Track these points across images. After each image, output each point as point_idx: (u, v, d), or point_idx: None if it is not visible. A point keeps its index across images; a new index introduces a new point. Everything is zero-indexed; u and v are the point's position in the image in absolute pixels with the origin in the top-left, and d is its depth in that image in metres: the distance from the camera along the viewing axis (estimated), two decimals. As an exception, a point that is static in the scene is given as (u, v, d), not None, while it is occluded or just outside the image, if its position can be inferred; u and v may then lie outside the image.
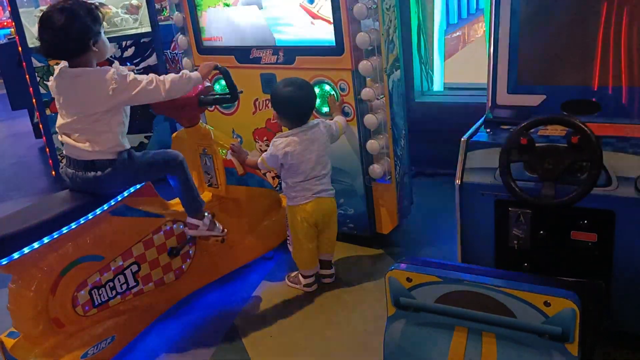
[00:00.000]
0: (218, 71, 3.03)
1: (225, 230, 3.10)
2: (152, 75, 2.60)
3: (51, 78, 2.62)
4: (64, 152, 2.68)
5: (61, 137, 2.62)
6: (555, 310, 1.78)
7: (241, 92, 3.15)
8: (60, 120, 2.60)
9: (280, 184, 3.27)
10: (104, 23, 2.66)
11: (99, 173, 2.59)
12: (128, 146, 2.68)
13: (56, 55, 2.58)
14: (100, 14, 2.54)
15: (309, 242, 3.17)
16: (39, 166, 6.09)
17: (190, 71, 2.81)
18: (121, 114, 2.60)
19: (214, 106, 3.78)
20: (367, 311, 3.04)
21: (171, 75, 2.65)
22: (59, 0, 2.47)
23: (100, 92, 2.49)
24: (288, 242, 3.26)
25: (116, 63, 2.64)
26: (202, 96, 3.02)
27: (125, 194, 2.79)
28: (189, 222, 2.97)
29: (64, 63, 2.58)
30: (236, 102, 3.72)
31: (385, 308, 2.13)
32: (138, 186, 2.83)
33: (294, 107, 3.05)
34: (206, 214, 3.00)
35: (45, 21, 2.46)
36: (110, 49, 2.70)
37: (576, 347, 1.81)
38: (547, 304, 1.79)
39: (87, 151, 2.56)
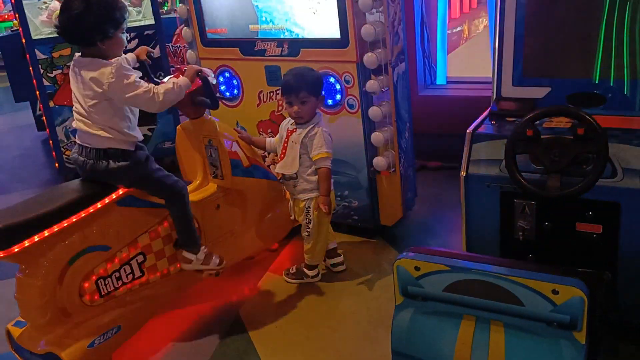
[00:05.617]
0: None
1: (224, 262, 3.01)
2: (150, 86, 2.61)
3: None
4: (76, 139, 2.69)
5: (75, 123, 2.65)
6: (563, 299, 1.79)
7: (222, 99, 3.18)
8: (74, 107, 2.65)
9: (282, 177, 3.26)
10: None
11: (111, 163, 2.61)
12: (140, 138, 2.72)
13: (68, 40, 2.63)
14: (119, 13, 2.53)
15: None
16: (42, 158, 6.09)
17: (185, 69, 2.88)
18: (123, 109, 2.62)
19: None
20: (371, 302, 3.06)
21: (163, 87, 2.67)
22: None
23: (97, 84, 2.51)
24: (307, 234, 3.17)
25: (125, 59, 2.69)
26: (194, 95, 3.04)
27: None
28: (182, 256, 2.93)
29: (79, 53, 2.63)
30: (239, 96, 3.74)
31: (390, 298, 2.15)
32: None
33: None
34: (202, 248, 2.94)
35: (65, 4, 2.52)
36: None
37: (584, 336, 1.82)
38: (555, 292, 1.80)
39: (100, 138, 2.58)
